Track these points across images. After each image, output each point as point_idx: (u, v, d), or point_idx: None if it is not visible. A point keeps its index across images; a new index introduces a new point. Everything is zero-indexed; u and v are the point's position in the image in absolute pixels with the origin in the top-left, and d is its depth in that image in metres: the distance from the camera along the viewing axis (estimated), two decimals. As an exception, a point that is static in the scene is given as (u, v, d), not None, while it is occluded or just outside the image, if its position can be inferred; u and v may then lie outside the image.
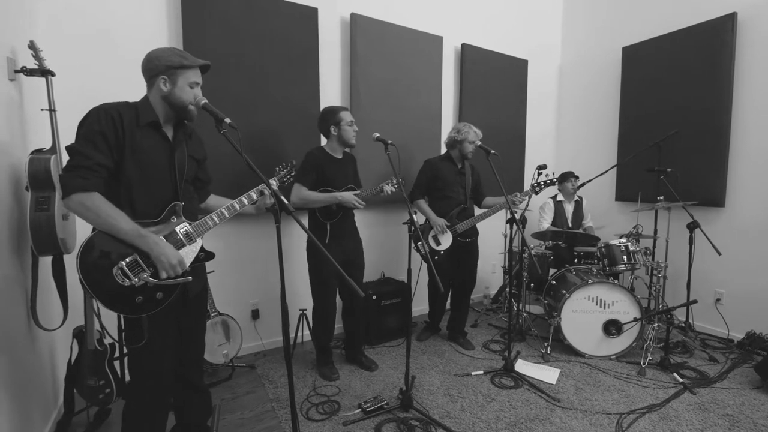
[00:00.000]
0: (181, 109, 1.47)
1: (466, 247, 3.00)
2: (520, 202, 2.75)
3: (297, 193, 2.44)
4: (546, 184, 2.77)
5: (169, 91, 1.45)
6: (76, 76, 2.24)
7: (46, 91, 1.79)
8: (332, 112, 2.51)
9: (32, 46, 1.71)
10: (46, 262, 1.90)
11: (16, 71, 1.74)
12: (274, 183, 1.82)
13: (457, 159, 3.00)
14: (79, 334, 1.97)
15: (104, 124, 1.34)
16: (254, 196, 1.67)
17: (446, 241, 2.89)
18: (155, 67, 1.43)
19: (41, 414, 1.91)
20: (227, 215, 1.58)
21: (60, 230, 1.71)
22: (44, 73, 1.77)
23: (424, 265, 3.12)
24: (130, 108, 1.43)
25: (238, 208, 1.60)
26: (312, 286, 2.61)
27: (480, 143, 2.74)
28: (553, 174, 2.82)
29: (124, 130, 1.37)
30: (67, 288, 1.93)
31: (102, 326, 1.94)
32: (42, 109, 1.82)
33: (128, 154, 1.38)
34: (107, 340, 2.01)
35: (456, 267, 3.01)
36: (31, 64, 1.76)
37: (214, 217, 1.55)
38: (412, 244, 2.93)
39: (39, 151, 1.74)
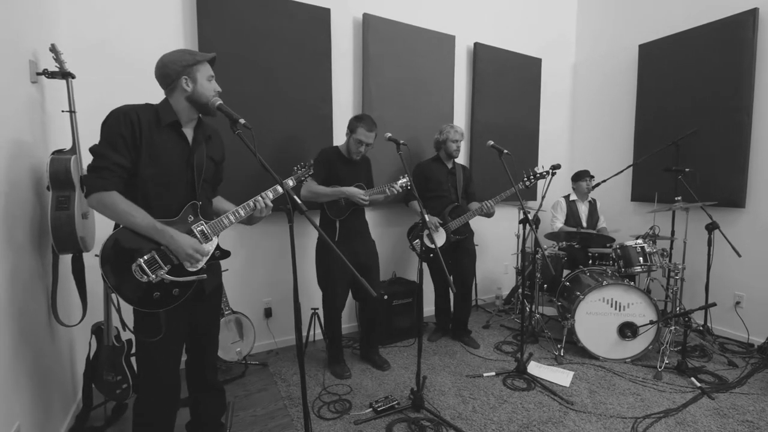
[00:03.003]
0: (204, 105, 1.51)
1: (461, 245, 3.01)
2: (489, 209, 2.81)
3: (306, 186, 2.48)
4: (536, 178, 2.77)
5: (193, 89, 1.49)
6: (96, 78, 2.29)
7: (67, 93, 1.84)
8: (353, 120, 2.52)
9: (53, 49, 1.76)
10: (65, 259, 1.95)
11: (38, 74, 1.79)
12: (290, 182, 1.86)
13: (446, 159, 3.07)
14: (98, 330, 2.02)
15: (123, 126, 1.39)
16: (271, 195, 1.66)
17: (439, 239, 2.90)
18: (173, 71, 1.48)
19: (61, 407, 1.96)
20: (242, 214, 1.60)
21: (80, 229, 1.75)
22: (65, 75, 1.82)
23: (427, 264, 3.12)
24: (149, 109, 1.48)
25: (253, 206, 1.61)
26: (319, 283, 2.65)
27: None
28: (545, 170, 2.78)
29: (142, 131, 1.42)
30: (86, 285, 1.98)
31: (122, 321, 1.98)
32: (63, 111, 1.87)
33: (146, 154, 1.42)
34: (125, 337, 2.06)
35: (454, 266, 3.01)
36: (53, 66, 1.81)
37: (230, 217, 1.57)
38: (408, 243, 2.96)
39: (60, 151, 1.78)
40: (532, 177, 2.77)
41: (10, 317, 1.47)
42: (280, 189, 1.67)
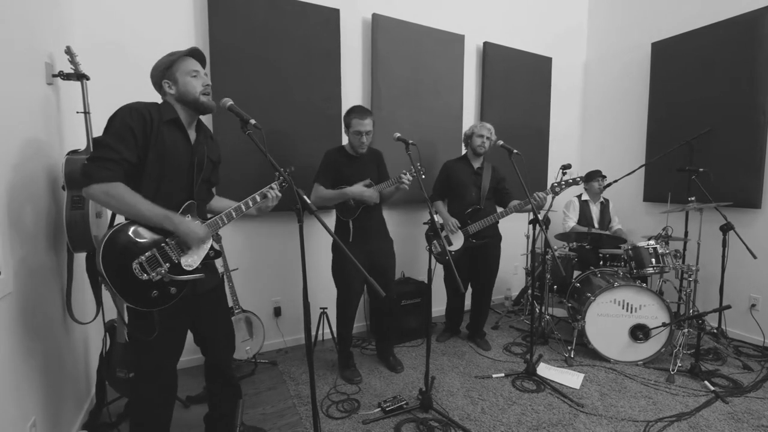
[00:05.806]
0: (193, 102, 1.51)
1: (481, 249, 2.95)
2: (543, 200, 2.60)
3: (314, 192, 2.50)
4: (568, 184, 2.61)
5: (176, 90, 1.51)
6: (109, 79, 2.32)
7: (81, 95, 1.87)
8: (348, 114, 2.50)
9: (68, 51, 1.79)
10: (80, 258, 1.98)
11: (54, 75, 1.83)
12: (275, 187, 1.75)
13: (472, 158, 3.00)
14: (111, 327, 2.05)
15: (134, 121, 1.39)
16: (258, 198, 1.68)
17: (457, 241, 2.86)
18: (155, 77, 1.53)
19: (75, 403, 2.00)
20: (235, 216, 1.62)
21: (93, 227, 1.78)
22: (80, 77, 1.85)
23: (443, 265, 3.10)
24: (155, 107, 1.49)
25: (244, 210, 1.64)
26: (335, 283, 2.63)
27: (496, 139, 2.71)
28: (578, 175, 2.69)
29: (153, 128, 1.42)
30: (100, 283, 2.01)
31: (120, 316, 2.01)
32: (77, 112, 1.90)
33: (153, 151, 1.43)
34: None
35: (473, 268, 2.98)
36: (68, 68, 1.84)
37: (224, 218, 1.59)
38: (426, 244, 2.92)
39: (74, 152, 1.81)
40: (563, 184, 2.58)
41: (27, 314, 1.50)
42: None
